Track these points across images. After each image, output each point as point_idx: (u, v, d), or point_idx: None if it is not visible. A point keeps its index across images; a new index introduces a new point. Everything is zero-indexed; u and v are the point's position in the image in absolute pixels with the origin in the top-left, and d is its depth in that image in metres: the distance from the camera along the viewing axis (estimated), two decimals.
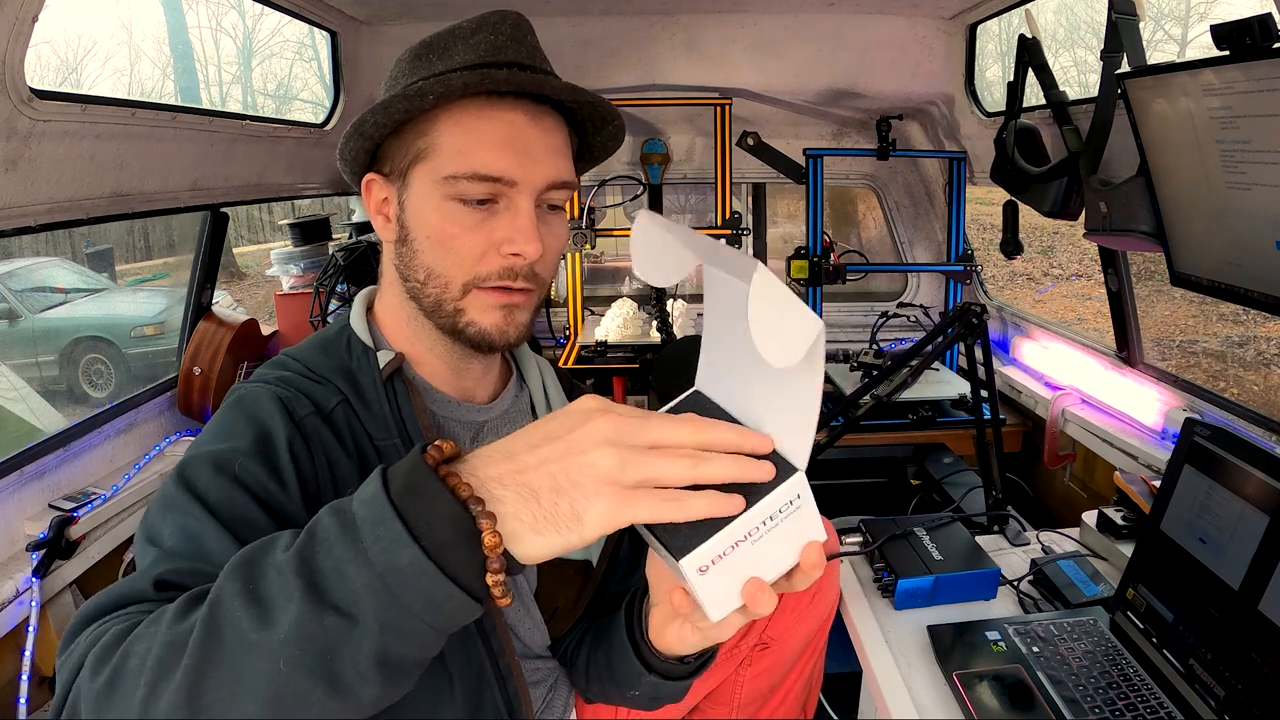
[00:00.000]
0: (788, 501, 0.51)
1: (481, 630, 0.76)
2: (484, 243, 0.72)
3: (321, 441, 0.70)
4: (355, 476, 0.71)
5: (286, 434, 0.67)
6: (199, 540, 0.58)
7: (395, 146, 0.74)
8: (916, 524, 1.26)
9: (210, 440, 0.67)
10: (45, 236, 6.92)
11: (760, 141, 2.30)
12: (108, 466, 1.56)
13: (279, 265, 2.23)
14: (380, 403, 0.75)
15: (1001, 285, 8.35)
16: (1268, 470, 0.90)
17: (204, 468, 0.63)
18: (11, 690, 1.22)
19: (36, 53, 1.23)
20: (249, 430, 0.67)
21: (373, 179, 0.77)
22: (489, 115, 0.71)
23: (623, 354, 2.22)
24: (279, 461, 0.66)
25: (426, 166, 0.72)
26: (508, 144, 0.71)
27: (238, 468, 0.64)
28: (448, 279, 0.73)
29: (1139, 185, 1.27)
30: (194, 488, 0.62)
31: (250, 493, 0.63)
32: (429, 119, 0.72)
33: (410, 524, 0.45)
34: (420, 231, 0.73)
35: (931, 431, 2.05)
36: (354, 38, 1.97)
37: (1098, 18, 10.04)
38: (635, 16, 1.97)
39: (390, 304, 0.81)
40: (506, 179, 0.71)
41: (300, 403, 0.71)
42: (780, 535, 0.52)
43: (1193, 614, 0.97)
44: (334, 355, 0.78)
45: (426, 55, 0.74)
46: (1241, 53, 0.95)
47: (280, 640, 0.44)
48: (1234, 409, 1.41)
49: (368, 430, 0.74)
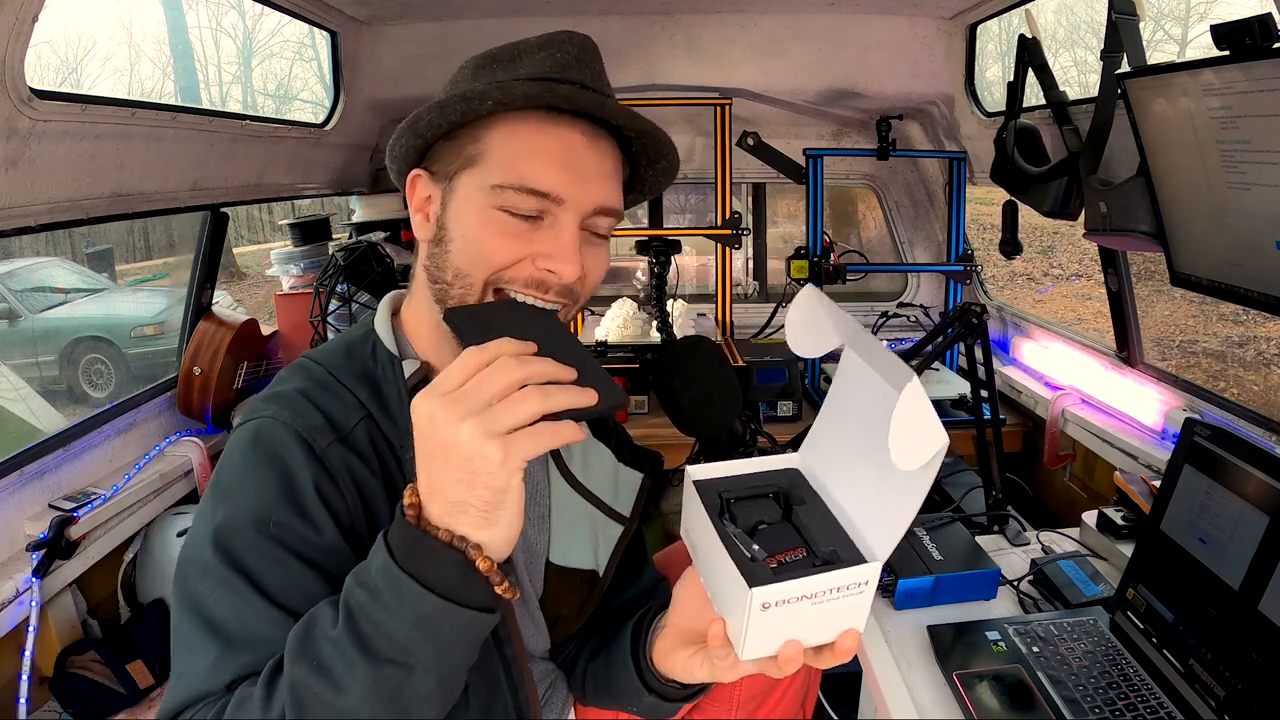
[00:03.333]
0: (859, 582, 0.55)
1: (496, 638, 0.76)
2: (520, 251, 0.71)
3: (347, 469, 0.70)
4: (382, 494, 0.72)
5: (312, 475, 0.67)
6: (247, 622, 0.63)
7: (447, 148, 0.73)
8: (916, 524, 1.26)
9: (236, 492, 0.67)
10: (45, 236, 6.92)
11: (760, 141, 2.30)
12: (108, 466, 1.56)
13: (279, 265, 2.23)
14: (404, 414, 0.74)
15: (1001, 285, 8.35)
16: (1268, 470, 0.90)
17: (240, 535, 0.64)
18: (11, 690, 1.22)
19: (36, 53, 1.23)
20: (273, 478, 0.67)
21: (419, 175, 0.76)
22: (546, 129, 0.70)
23: (623, 354, 2.22)
24: (309, 507, 0.67)
25: (475, 172, 0.71)
26: (561, 161, 0.70)
27: (273, 526, 0.65)
28: (473, 279, 0.72)
29: (1139, 185, 1.27)
30: (234, 558, 0.64)
31: (289, 549, 0.65)
32: (484, 125, 0.71)
33: (421, 579, 0.54)
34: (457, 233, 0.72)
35: None
36: (354, 38, 1.98)
37: (1098, 18, 10.04)
38: (635, 16, 1.97)
39: (418, 309, 0.80)
40: (555, 195, 0.70)
41: (320, 433, 0.70)
42: (836, 609, 0.55)
43: (1193, 614, 0.97)
44: (358, 360, 0.77)
45: (490, 65, 0.74)
46: (1241, 53, 0.95)
47: (357, 699, 0.54)
48: (1234, 409, 1.41)
49: (389, 440, 0.74)
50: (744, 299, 2.87)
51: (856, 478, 0.59)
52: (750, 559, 0.57)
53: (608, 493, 0.90)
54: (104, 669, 1.36)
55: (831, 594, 0.54)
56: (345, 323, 1.95)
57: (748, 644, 0.55)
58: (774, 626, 0.55)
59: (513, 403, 0.52)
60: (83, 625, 1.45)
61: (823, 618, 0.55)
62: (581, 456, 0.90)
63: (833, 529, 0.60)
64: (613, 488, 0.90)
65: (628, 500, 0.91)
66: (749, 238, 2.72)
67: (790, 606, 0.54)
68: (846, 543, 0.58)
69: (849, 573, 0.54)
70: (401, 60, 2.03)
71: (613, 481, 0.91)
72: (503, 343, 0.55)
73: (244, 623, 0.62)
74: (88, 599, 1.47)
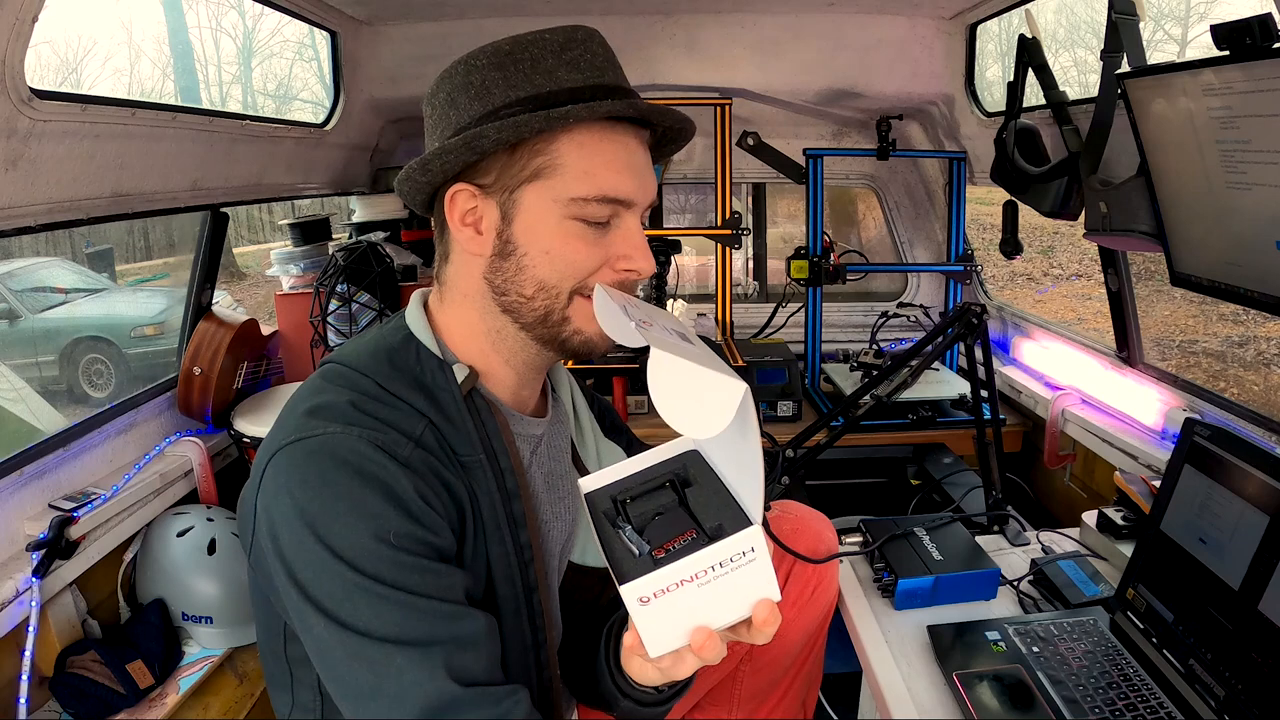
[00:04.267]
0: (740, 552, 0.52)
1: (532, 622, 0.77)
2: (600, 257, 0.73)
3: (432, 471, 0.71)
4: (465, 493, 0.73)
5: (410, 483, 0.68)
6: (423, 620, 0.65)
7: (504, 161, 0.72)
8: (916, 524, 1.26)
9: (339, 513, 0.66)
10: (45, 236, 6.91)
11: (760, 141, 2.30)
12: (108, 466, 1.56)
13: (279, 265, 2.23)
14: (464, 420, 0.74)
15: (1001, 285, 8.35)
16: (1268, 470, 0.90)
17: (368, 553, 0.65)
18: (11, 690, 1.22)
19: (36, 53, 1.23)
20: (373, 492, 0.66)
21: (462, 189, 0.74)
22: (611, 139, 0.72)
23: (623, 354, 2.22)
24: (417, 512, 0.67)
25: (546, 184, 0.71)
26: (629, 167, 0.73)
27: (393, 538, 0.65)
28: (559, 289, 0.74)
29: (1139, 185, 1.27)
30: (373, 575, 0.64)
31: (418, 555, 0.67)
32: (549, 138, 0.71)
33: None
34: (535, 247, 0.72)
35: (931, 431, 2.05)
36: (354, 38, 1.97)
37: (1098, 18, 10.04)
38: (635, 16, 1.97)
39: (463, 316, 0.79)
40: (627, 200, 0.73)
41: (397, 443, 0.69)
42: (732, 584, 0.53)
43: (1193, 614, 0.97)
44: (404, 368, 0.75)
45: (515, 66, 0.72)
46: (1241, 53, 0.95)
47: None
48: (1234, 409, 1.41)
49: (453, 447, 0.74)
50: (744, 299, 2.87)
51: (726, 440, 0.56)
52: (635, 555, 0.55)
53: None
54: (104, 669, 1.36)
55: (715, 570, 0.52)
56: (345, 323, 1.95)
57: (648, 641, 0.54)
58: (668, 617, 0.53)
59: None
60: (82, 625, 1.44)
61: (721, 596, 0.53)
62: (597, 455, 0.92)
63: (724, 502, 0.58)
64: None
65: None
66: (749, 238, 2.71)
67: (674, 594, 0.52)
68: (736, 513, 0.56)
69: (724, 546, 0.52)
70: (401, 60, 2.03)
71: None
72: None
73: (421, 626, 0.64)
74: (87, 599, 1.47)
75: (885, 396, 1.69)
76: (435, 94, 0.76)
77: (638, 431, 1.06)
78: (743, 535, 0.52)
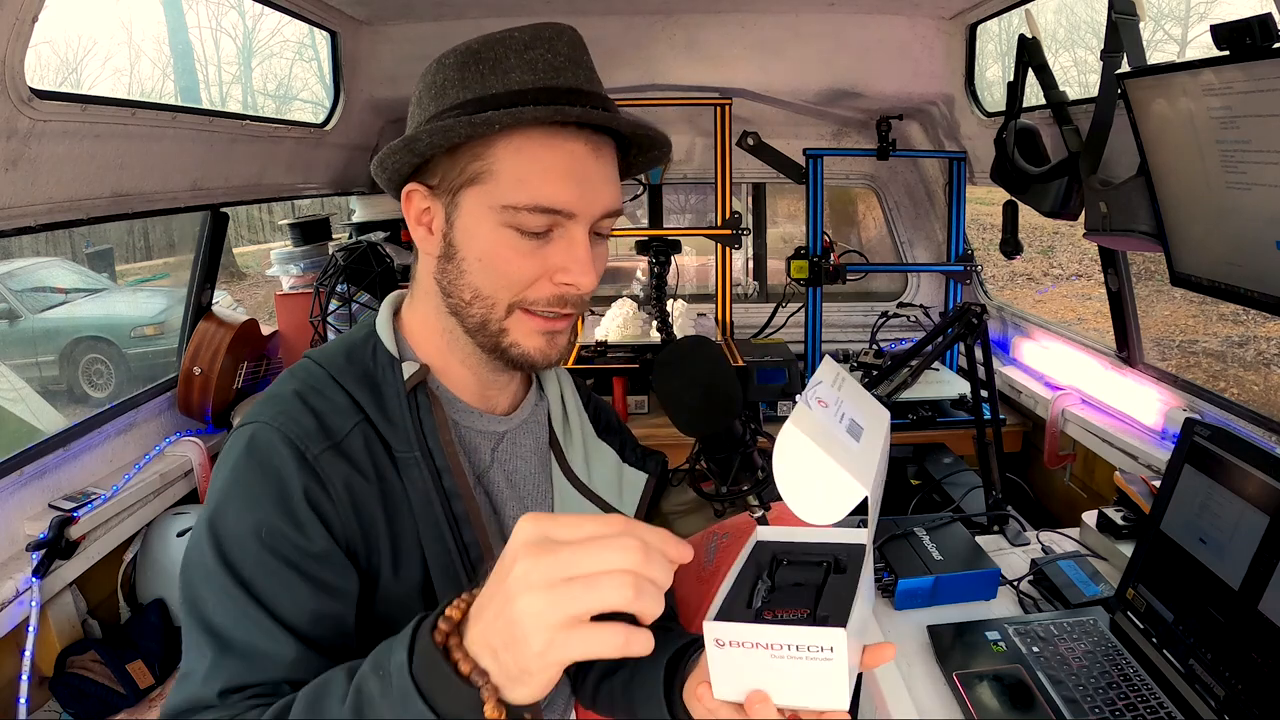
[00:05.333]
0: (820, 646, 0.53)
1: None
2: (537, 269, 0.71)
3: (340, 476, 0.70)
4: (378, 499, 0.72)
5: (301, 483, 0.68)
6: (242, 627, 0.64)
7: (446, 163, 0.71)
8: (916, 524, 1.26)
9: (232, 496, 0.68)
10: (45, 236, 6.91)
11: (760, 141, 2.30)
12: (108, 466, 1.56)
13: (279, 265, 2.23)
14: (403, 415, 0.74)
15: (1001, 285, 8.35)
16: (1268, 470, 0.90)
17: (235, 539, 0.66)
18: (11, 690, 1.22)
19: (36, 53, 1.23)
20: (266, 484, 0.68)
21: (414, 189, 0.74)
22: (551, 145, 0.69)
23: (623, 354, 2.22)
24: (300, 515, 0.67)
25: (482, 190, 0.70)
26: (569, 175, 0.69)
27: (265, 534, 0.66)
28: (494, 300, 0.72)
29: (1139, 185, 1.27)
30: (229, 560, 0.65)
31: (281, 557, 0.66)
32: (487, 141, 0.69)
33: (430, 701, 0.50)
34: (470, 252, 0.72)
35: (931, 431, 2.05)
36: (354, 38, 1.98)
37: (1098, 18, 10.04)
38: (635, 16, 1.97)
39: (423, 314, 0.79)
40: (566, 211, 0.70)
41: (312, 440, 0.70)
42: (803, 671, 0.54)
43: (1193, 614, 0.97)
44: (358, 362, 0.77)
45: (476, 65, 0.71)
46: (1241, 53, 0.95)
47: None
48: (1234, 409, 1.41)
49: (387, 442, 0.74)
50: (744, 299, 2.87)
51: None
52: (746, 605, 0.57)
53: (611, 493, 0.90)
54: (104, 669, 1.36)
55: (790, 650, 0.53)
56: (345, 323, 1.95)
57: (714, 679, 0.56)
58: (737, 669, 0.54)
59: (591, 585, 0.46)
60: (83, 625, 1.45)
61: (790, 676, 0.54)
62: (584, 456, 0.90)
63: (845, 600, 0.59)
64: (616, 488, 0.90)
65: (631, 501, 0.90)
66: (749, 238, 2.72)
67: (748, 651, 0.53)
68: (844, 612, 0.57)
69: (807, 633, 0.53)
70: (401, 60, 2.03)
71: (616, 482, 0.91)
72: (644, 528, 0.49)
73: (239, 631, 0.64)
74: (88, 599, 1.47)
75: (885, 396, 1.69)
76: (415, 91, 0.77)
77: (637, 432, 1.05)
78: (829, 632, 0.53)
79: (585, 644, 0.46)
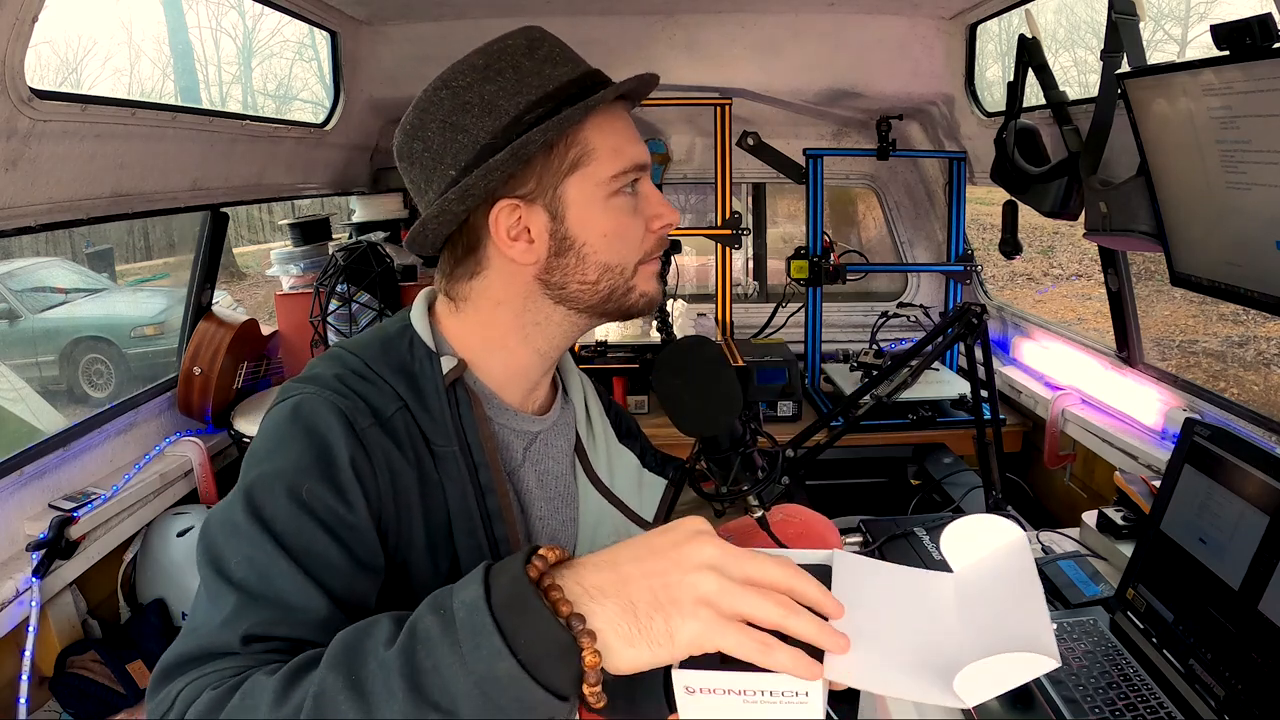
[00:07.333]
0: (794, 691, 0.51)
1: None
2: (641, 224, 0.77)
3: (384, 453, 0.69)
4: (415, 485, 0.72)
5: (349, 450, 0.67)
6: (271, 579, 0.60)
7: (542, 163, 0.73)
8: (916, 524, 1.26)
9: (271, 456, 0.66)
10: (45, 236, 6.92)
11: (760, 141, 2.30)
12: (108, 466, 1.56)
13: (279, 265, 2.23)
14: (442, 409, 0.74)
15: (1001, 285, 8.35)
16: (1268, 470, 0.90)
17: (270, 494, 0.63)
18: (11, 690, 1.22)
19: (36, 53, 1.23)
20: (310, 447, 0.66)
21: (504, 205, 0.73)
22: (616, 115, 0.76)
23: (623, 354, 2.22)
24: (342, 480, 0.65)
25: (585, 173, 0.73)
26: (635, 138, 0.77)
27: (305, 493, 0.63)
28: (624, 266, 0.77)
29: (1139, 185, 1.27)
30: (261, 515, 0.62)
31: (318, 519, 0.63)
32: (576, 127, 0.73)
33: (509, 639, 0.46)
34: (594, 233, 0.75)
35: (931, 431, 2.05)
36: (354, 38, 1.98)
37: (1098, 18, 10.04)
38: (635, 16, 1.97)
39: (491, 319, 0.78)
40: (646, 164, 0.77)
41: (361, 413, 0.69)
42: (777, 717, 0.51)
43: (1193, 614, 0.97)
44: (394, 354, 0.76)
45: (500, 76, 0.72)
46: (1241, 53, 0.95)
47: None
48: (1234, 409, 1.41)
49: (426, 435, 0.73)
50: (744, 299, 2.87)
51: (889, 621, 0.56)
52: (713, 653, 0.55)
53: (632, 498, 0.91)
54: (104, 669, 1.36)
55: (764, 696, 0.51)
56: (345, 323, 1.95)
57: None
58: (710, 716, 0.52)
59: (765, 596, 0.49)
60: (83, 625, 1.44)
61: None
62: (607, 461, 0.91)
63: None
64: (637, 493, 0.91)
65: (651, 505, 0.92)
66: (749, 238, 2.72)
67: (717, 698, 0.51)
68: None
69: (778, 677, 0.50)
70: (401, 60, 2.03)
71: (637, 486, 0.92)
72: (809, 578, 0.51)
73: (266, 580, 0.60)
74: (88, 599, 1.47)
75: (885, 396, 1.69)
76: (420, 131, 0.75)
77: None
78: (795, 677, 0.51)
79: (736, 641, 0.48)
